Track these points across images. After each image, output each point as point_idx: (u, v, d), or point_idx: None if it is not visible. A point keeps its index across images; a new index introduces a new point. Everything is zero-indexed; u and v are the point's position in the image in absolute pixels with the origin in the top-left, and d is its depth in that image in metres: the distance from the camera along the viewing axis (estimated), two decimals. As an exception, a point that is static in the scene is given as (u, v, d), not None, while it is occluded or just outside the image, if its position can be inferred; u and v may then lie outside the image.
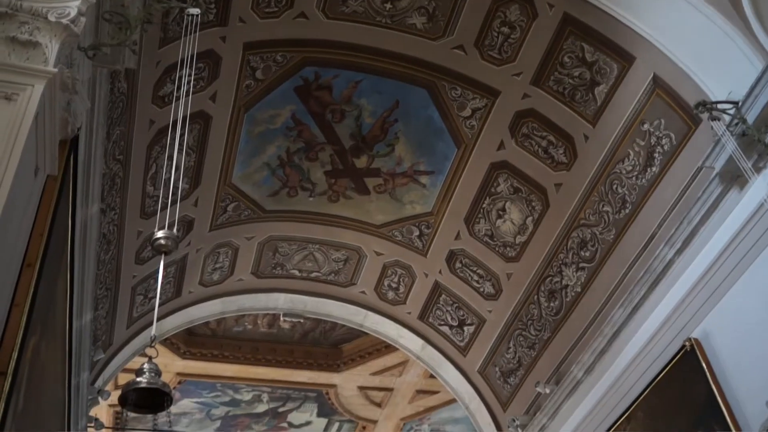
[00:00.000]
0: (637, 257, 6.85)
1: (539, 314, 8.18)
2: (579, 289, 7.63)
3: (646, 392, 6.67)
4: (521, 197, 7.77)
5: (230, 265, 8.63)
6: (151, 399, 2.82)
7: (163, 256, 3.26)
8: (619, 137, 6.70)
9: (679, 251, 6.26)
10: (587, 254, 7.44)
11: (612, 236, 7.12)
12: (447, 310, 9.03)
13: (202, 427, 11.27)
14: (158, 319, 7.83)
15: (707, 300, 6.05)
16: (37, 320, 3.73)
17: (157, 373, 2.75)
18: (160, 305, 7.94)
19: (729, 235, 5.74)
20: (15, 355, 3.19)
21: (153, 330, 3.48)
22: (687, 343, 6.16)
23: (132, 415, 10.55)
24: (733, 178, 5.60)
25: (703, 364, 5.99)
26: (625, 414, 6.92)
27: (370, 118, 7.46)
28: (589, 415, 7.45)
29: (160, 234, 3.16)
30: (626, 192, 6.87)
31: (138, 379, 2.74)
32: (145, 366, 2.78)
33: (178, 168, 6.61)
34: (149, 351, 2.88)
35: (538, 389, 8.03)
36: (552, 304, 8.00)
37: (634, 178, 6.74)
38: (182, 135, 6.21)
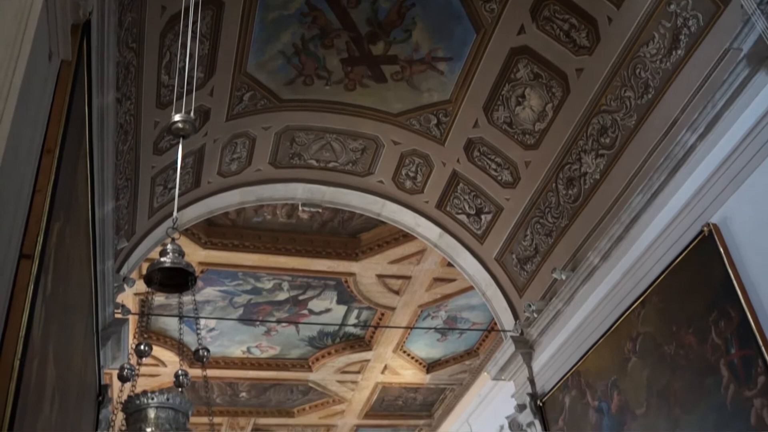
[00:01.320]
0: (658, 143, 6.78)
1: (557, 202, 8.19)
2: (598, 177, 7.60)
3: (661, 277, 6.75)
4: (541, 83, 7.63)
5: (248, 156, 8.63)
6: (175, 279, 2.89)
7: (181, 140, 3.26)
8: (644, 19, 6.50)
9: (702, 136, 6.18)
10: (607, 141, 7.36)
11: (633, 122, 7.02)
12: (464, 199, 9.05)
13: (226, 314, 11.59)
14: (178, 210, 7.91)
15: (727, 185, 6.02)
16: (59, 206, 3.77)
17: (180, 253, 2.79)
18: (179, 195, 8.02)
19: (753, 119, 5.65)
20: (40, 239, 3.24)
21: (174, 212, 3.52)
22: (705, 228, 6.18)
23: (157, 302, 10.85)
24: (761, 60, 5.45)
25: (721, 249, 6.03)
26: (640, 298, 7.03)
27: (387, 3, 7.25)
28: (604, 300, 7.57)
29: (177, 117, 3.15)
30: (649, 76, 6.72)
31: (162, 259, 2.79)
32: (169, 247, 2.83)
33: (192, 56, 6.52)
34: (171, 232, 2.91)
35: (555, 276, 8.14)
36: (570, 192, 8.00)
37: (658, 62, 6.58)
38: (195, 22, 6.07)
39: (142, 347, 2.71)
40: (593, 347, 7.74)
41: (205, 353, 2.68)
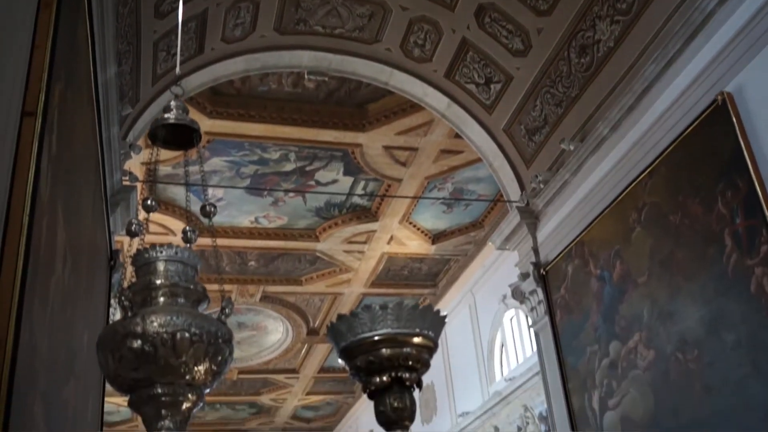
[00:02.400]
0: (676, 8, 6.54)
1: (568, 71, 8.01)
2: (612, 44, 7.39)
3: (671, 147, 6.69)
4: (557, -56, 7.29)
5: (252, 21, 8.39)
6: (180, 137, 2.86)
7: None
8: None
9: (722, 1, 5.96)
10: (623, 6, 7.10)
11: (651, -14, 6.75)
12: (474, 68, 8.86)
13: (233, 185, 11.64)
14: (182, 77, 7.78)
15: (745, 53, 5.86)
16: (60, 65, 3.69)
17: (185, 110, 2.75)
18: (182, 62, 7.86)
19: (777, -17, 5.42)
20: (42, 96, 3.19)
21: (177, 68, 3.43)
22: (719, 97, 6.07)
23: (164, 172, 10.89)
24: None
25: (734, 119, 5.94)
26: (648, 169, 7.01)
27: None
28: (612, 171, 7.55)
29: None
30: (671, -64, 6.40)
31: (166, 116, 2.74)
32: (172, 103, 2.77)
33: None
34: (175, 89, 2.85)
35: (563, 146, 8.08)
36: (582, 60, 7.81)
37: None
38: None
39: (149, 202, 2.71)
40: (598, 217, 7.79)
41: (212, 209, 2.68)
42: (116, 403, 19.85)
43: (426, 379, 12.17)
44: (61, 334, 4.55)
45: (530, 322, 9.54)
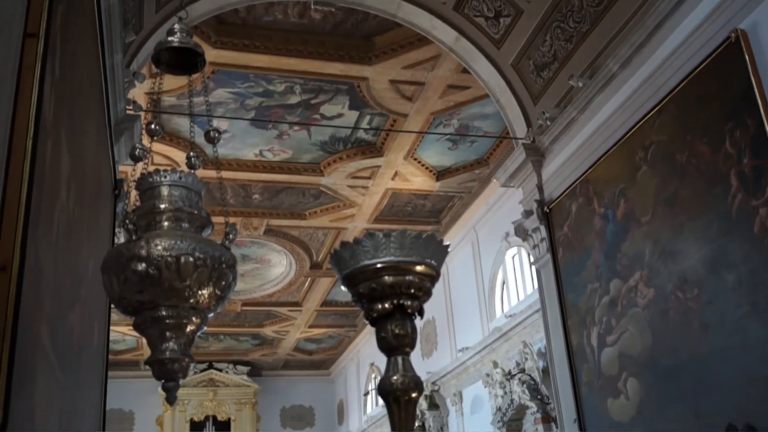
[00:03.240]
0: (692, -58, 6.37)
1: (579, 5, 7.85)
2: (625, -22, 7.23)
3: (681, 85, 6.61)
4: None
5: (257, -53, 8.20)
6: (184, 61, 2.81)
7: None
8: None
9: (740, -66, 5.80)
10: (638, -62, 6.92)
11: None
12: (483, 1, 8.68)
13: (237, 116, 11.56)
14: (187, 3, 7.65)
15: (762, -11, 5.72)
16: (61, -12, 3.62)
17: (189, 33, 2.70)
18: (187, -11, 7.71)
19: None
20: (44, 17, 3.14)
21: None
22: (732, 35, 5.96)
23: (168, 103, 10.81)
24: None
25: (746, 57, 5.84)
26: (657, 107, 6.93)
27: None
28: (620, 109, 7.47)
29: None
30: None
31: (169, 39, 2.70)
32: (176, 26, 2.73)
33: None
34: (179, 14, 2.80)
35: (571, 83, 7.98)
36: (594, -6, 7.64)
37: None
38: None
39: (153, 126, 2.69)
40: (604, 156, 7.75)
41: (217, 134, 2.66)
42: (121, 332, 20.20)
43: (427, 314, 12.34)
44: (67, 260, 4.59)
45: (532, 260, 9.59)
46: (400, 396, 1.99)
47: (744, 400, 5.86)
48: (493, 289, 14.81)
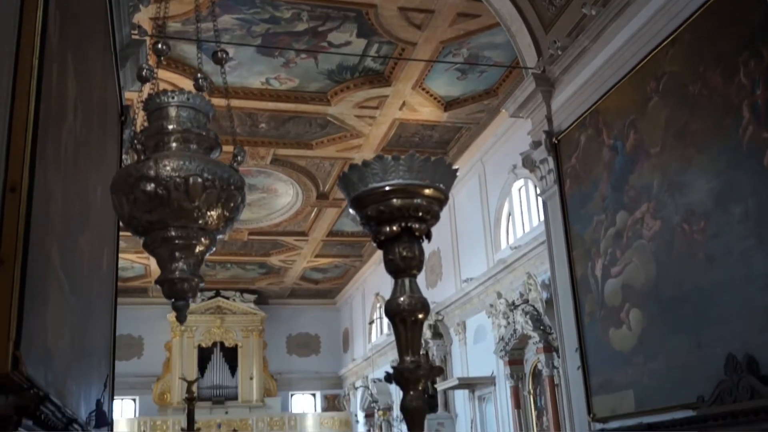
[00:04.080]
0: None
1: (595, -70, 7.63)
2: None
3: (697, 14, 6.48)
4: None
5: None
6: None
7: None
8: None
9: None
10: None
11: None
12: (496, -76, 8.45)
13: (244, 42, 11.39)
14: (191, -75, 7.45)
15: None
16: None
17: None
18: None
19: None
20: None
21: None
22: (752, -39, 5.79)
23: (174, 29, 10.65)
24: None
25: (764, -15, 5.70)
26: (671, 37, 6.81)
27: None
28: (633, 38, 7.34)
29: None
30: None
31: (175, -44, 2.64)
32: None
33: None
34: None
35: (584, 11, 7.82)
36: None
37: None
38: None
39: (160, 46, 2.66)
40: (615, 86, 7.65)
41: (224, 54, 2.63)
42: (130, 260, 20.43)
43: (432, 245, 12.40)
44: (75, 184, 4.60)
45: (538, 192, 9.59)
46: (407, 317, 2.01)
47: (745, 331, 5.93)
48: (499, 221, 14.85)
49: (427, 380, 1.94)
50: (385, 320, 21.17)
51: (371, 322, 22.40)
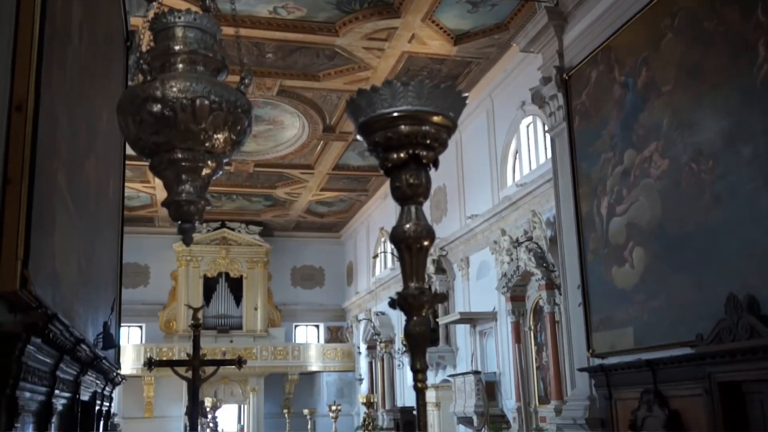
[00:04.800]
0: None
1: None
2: None
3: (716, -53, 6.30)
4: None
5: None
6: None
7: None
8: None
9: None
10: None
11: None
12: None
13: (251, -30, 11.16)
14: None
15: None
16: None
17: None
18: None
19: None
20: None
21: None
22: None
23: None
24: None
25: None
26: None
27: None
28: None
29: None
30: None
31: None
32: None
33: None
34: None
35: (601, -58, 7.61)
36: None
37: None
38: None
39: (166, -37, 2.59)
40: (629, 22, 7.51)
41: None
42: (136, 189, 20.48)
43: (438, 181, 12.45)
44: (81, 107, 4.57)
45: (547, 128, 9.51)
46: (412, 244, 2.01)
47: (747, 271, 5.96)
48: (506, 158, 14.79)
49: (431, 306, 1.95)
50: (389, 254, 21.32)
51: (375, 256, 22.56)
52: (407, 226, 2.02)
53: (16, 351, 2.85)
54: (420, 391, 1.78)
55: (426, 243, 2.02)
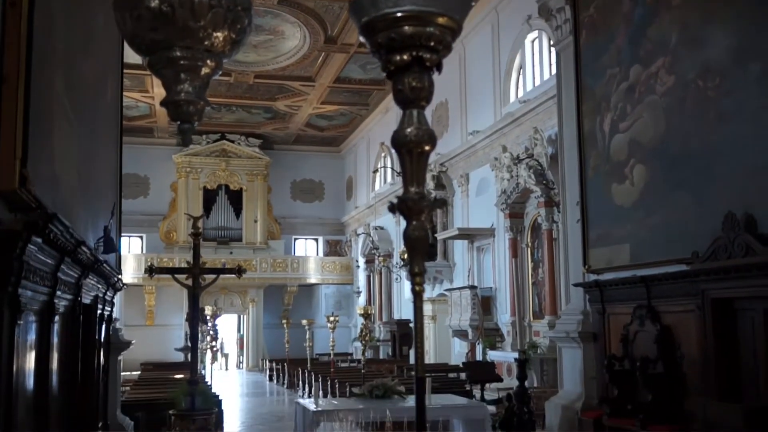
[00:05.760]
0: None
1: None
2: None
3: None
4: None
5: None
6: None
7: None
8: None
9: None
10: None
11: None
12: None
13: None
14: None
15: None
16: None
17: None
18: None
19: None
20: None
21: None
22: None
23: None
24: None
25: None
26: None
27: None
28: None
29: None
30: None
31: None
32: None
33: None
34: None
35: None
36: None
37: None
38: None
39: None
40: (642, -68, 7.26)
41: None
42: (135, 98, 20.27)
43: (440, 96, 12.31)
44: (77, 6, 4.47)
45: (552, 42, 9.34)
46: (413, 148, 1.98)
47: (747, 190, 5.96)
48: (509, 73, 14.58)
49: (431, 211, 1.95)
50: (389, 169, 21.30)
51: (375, 171, 22.54)
52: (409, 130, 2.00)
53: (17, 249, 2.87)
54: (417, 294, 1.80)
55: (427, 148, 2.00)
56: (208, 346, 15.10)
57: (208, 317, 14.73)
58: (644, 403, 6.87)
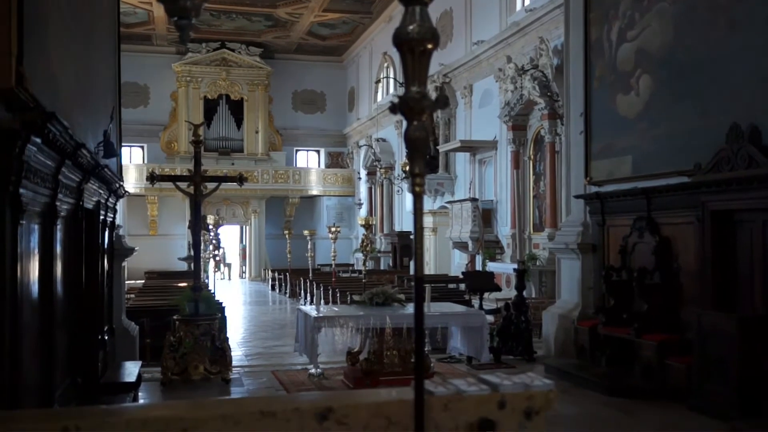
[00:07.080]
0: None
1: None
2: None
3: None
4: None
5: None
6: None
7: None
8: None
9: None
10: None
11: None
12: None
13: None
14: None
15: None
16: None
17: None
18: None
19: None
20: None
21: None
22: None
23: None
24: None
25: None
26: None
27: None
28: None
29: None
30: None
31: None
32: None
33: None
34: None
35: None
36: None
37: None
38: None
39: None
40: None
41: None
42: (132, 4, 19.82)
43: (445, 4, 12.06)
44: None
45: (562, -53, 9.05)
46: (415, 46, 1.94)
47: (754, 101, 5.88)
48: (516, -20, 14.20)
49: (432, 111, 1.92)
50: (392, 80, 21.01)
51: (378, 81, 22.24)
52: (411, 27, 1.95)
53: (16, 149, 2.84)
54: (417, 195, 1.79)
55: (429, 46, 1.95)
56: (211, 255, 15.27)
57: (210, 226, 14.83)
58: (640, 313, 6.99)
